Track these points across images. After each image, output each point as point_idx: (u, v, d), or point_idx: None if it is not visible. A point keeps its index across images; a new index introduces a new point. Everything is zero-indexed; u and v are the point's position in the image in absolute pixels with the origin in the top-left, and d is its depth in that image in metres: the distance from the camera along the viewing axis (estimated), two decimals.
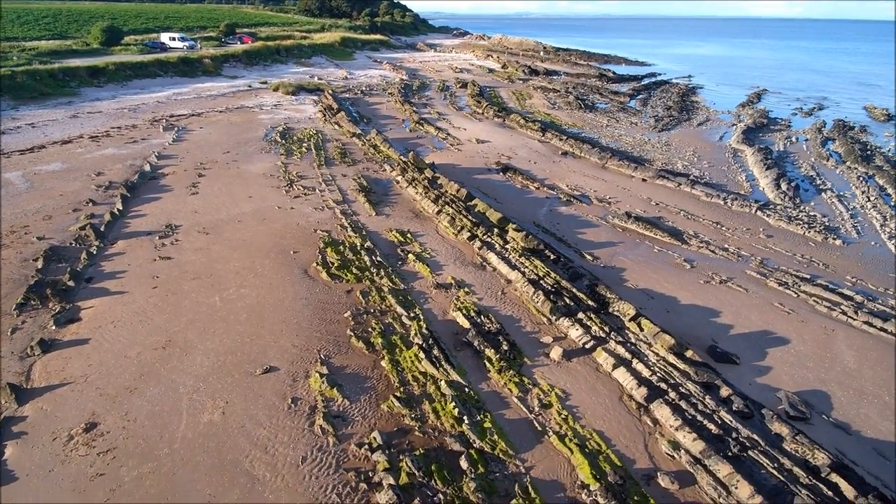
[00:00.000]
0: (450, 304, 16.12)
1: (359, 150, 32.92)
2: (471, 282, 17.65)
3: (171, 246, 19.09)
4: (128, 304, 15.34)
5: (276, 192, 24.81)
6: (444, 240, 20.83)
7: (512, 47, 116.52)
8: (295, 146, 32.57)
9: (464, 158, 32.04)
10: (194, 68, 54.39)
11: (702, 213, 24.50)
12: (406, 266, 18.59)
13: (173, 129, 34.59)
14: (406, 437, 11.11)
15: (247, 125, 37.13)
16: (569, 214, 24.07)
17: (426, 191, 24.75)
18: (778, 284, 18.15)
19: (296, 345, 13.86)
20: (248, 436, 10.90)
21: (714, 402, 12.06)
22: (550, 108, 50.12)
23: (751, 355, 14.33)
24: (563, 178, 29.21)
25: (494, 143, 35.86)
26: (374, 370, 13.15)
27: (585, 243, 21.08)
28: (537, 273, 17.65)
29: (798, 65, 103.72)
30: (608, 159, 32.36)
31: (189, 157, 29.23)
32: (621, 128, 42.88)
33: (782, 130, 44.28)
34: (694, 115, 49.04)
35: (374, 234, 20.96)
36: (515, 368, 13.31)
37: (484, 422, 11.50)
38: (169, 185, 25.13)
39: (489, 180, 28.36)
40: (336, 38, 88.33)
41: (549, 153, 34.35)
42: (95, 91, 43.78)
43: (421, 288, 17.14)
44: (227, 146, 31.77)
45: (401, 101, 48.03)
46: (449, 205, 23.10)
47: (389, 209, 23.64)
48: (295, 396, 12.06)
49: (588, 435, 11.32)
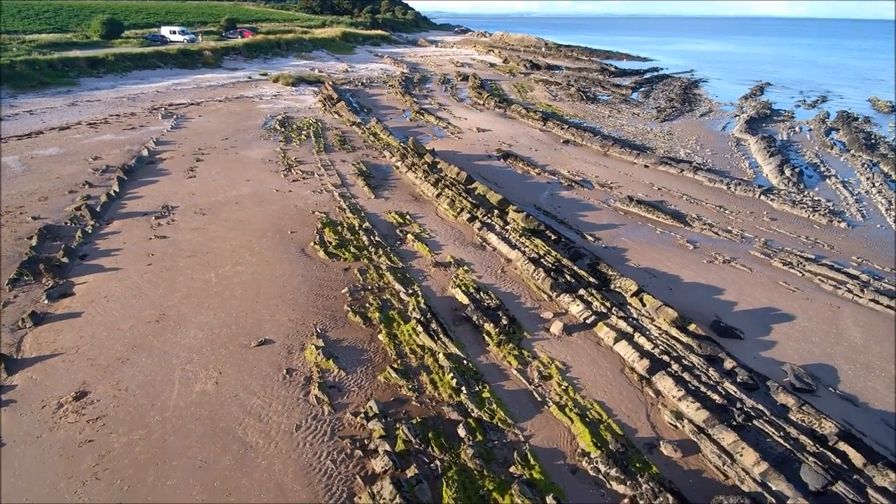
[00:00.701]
0: (448, 282, 15.86)
1: (358, 137, 32.67)
2: (470, 261, 17.39)
3: (167, 226, 18.86)
4: (122, 280, 15.12)
5: (275, 176, 24.58)
6: (444, 221, 20.58)
7: (513, 44, 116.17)
8: (294, 134, 32.33)
9: (464, 146, 31.78)
10: (194, 60, 54.19)
11: (705, 198, 24.20)
12: (405, 245, 18.34)
13: (172, 116, 34.39)
14: (403, 407, 10.86)
15: (246, 114, 36.90)
16: (570, 198, 23.80)
17: (426, 175, 24.50)
18: (783, 264, 17.86)
19: (292, 319, 13.62)
20: (241, 405, 10.66)
21: (718, 374, 11.80)
22: (552, 99, 49.82)
23: (755, 330, 14.05)
24: (564, 164, 28.93)
25: (495, 132, 35.58)
26: (371, 343, 12.90)
27: (587, 225, 20.81)
28: (538, 252, 17.38)
29: (800, 60, 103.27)
30: (610, 147, 32.07)
31: (187, 144, 29.01)
32: (623, 118, 42.56)
33: (785, 121, 43.92)
34: (696, 107, 48.71)
35: (373, 215, 20.72)
36: (515, 342, 13.05)
37: (482, 392, 11.25)
38: (166, 168, 24.91)
39: (490, 166, 28.10)
40: (337, 32, 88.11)
41: (550, 141, 34.06)
42: (95, 81, 43.61)
43: (420, 266, 16.89)
44: (225, 133, 31.55)
45: (401, 92, 47.76)
46: (449, 188, 22.85)
47: (389, 193, 23.39)
48: (290, 367, 11.82)
49: (589, 405, 11.06)
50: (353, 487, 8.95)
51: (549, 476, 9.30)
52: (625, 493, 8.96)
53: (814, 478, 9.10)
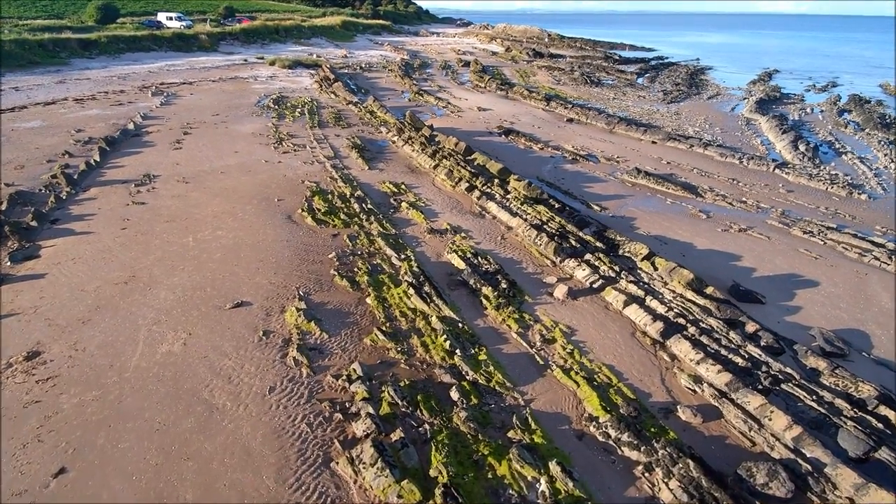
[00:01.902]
0: (444, 248, 14.76)
1: (354, 115, 31.55)
2: (468, 228, 16.28)
3: (147, 193, 17.79)
4: (92, 244, 14.05)
5: (265, 148, 23.48)
6: (441, 191, 19.46)
7: (516, 35, 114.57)
8: (288, 111, 31.22)
9: (464, 123, 30.63)
10: (190, 44, 53.09)
11: (717, 171, 23.02)
12: (399, 213, 17.23)
13: (162, 94, 33.30)
14: (390, 370, 9.78)
15: (239, 93, 35.80)
16: (574, 171, 22.64)
17: (423, 147, 23.38)
18: (803, 233, 16.70)
19: (273, 282, 12.54)
20: (210, 366, 9.58)
21: (740, 338, 10.68)
22: (555, 83, 48.58)
23: (777, 296, 12.92)
24: (568, 140, 27.75)
25: (497, 111, 34.42)
26: (358, 307, 11.82)
27: (593, 196, 19.66)
28: (541, 219, 16.26)
29: (807, 50, 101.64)
30: (616, 125, 30.88)
31: (176, 119, 27.92)
32: (629, 100, 41.33)
33: (795, 103, 42.62)
34: (703, 91, 47.43)
35: (366, 185, 19.61)
36: (515, 305, 11.95)
37: (479, 355, 10.16)
38: (152, 141, 23.83)
39: (490, 142, 26.95)
40: (337, 21, 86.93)
41: (553, 120, 32.88)
42: (86, 62, 42.54)
43: (414, 233, 15.78)
44: (216, 110, 30.45)
45: (401, 75, 46.59)
46: (447, 158, 21.73)
47: (383, 165, 22.27)
48: (267, 329, 10.74)
49: (596, 369, 9.96)
50: (331, 452, 7.87)
51: (553, 441, 8.21)
52: (638, 460, 7.86)
53: (854, 443, 7.99)
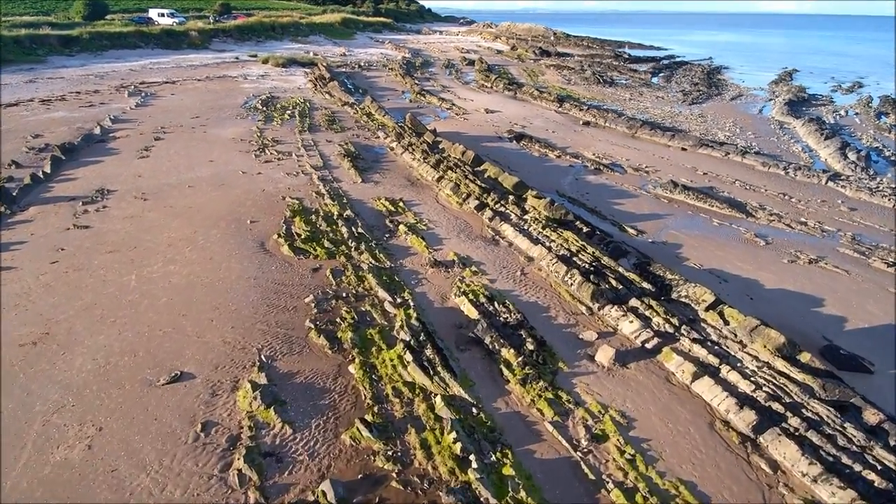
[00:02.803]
0: (451, 287, 11.82)
1: (350, 118, 28.63)
2: (479, 259, 13.33)
3: (95, 213, 14.87)
4: (8, 285, 11.14)
5: (244, 156, 20.57)
6: (446, 210, 16.51)
7: (521, 33, 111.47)
8: (276, 113, 28.32)
9: (470, 127, 27.68)
10: (179, 41, 50.23)
11: (762, 184, 20.03)
12: (395, 239, 14.30)
13: (140, 94, 30.42)
14: (376, 492, 6.84)
15: (226, 93, 32.90)
16: (599, 184, 19.68)
17: (425, 155, 20.44)
18: (886, 265, 13.71)
19: (227, 341, 9.61)
20: (117, 486, 6.66)
21: (862, 434, 7.71)
22: (566, 83, 45.59)
23: (886, 360, 9.94)
24: (587, 146, 24.79)
25: (505, 113, 31.47)
26: (338, 379, 8.88)
27: (625, 215, 16.69)
28: (568, 247, 13.30)
29: (821, 49, 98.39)
30: (638, 129, 27.89)
31: (150, 122, 25.03)
32: (647, 101, 38.31)
33: (825, 105, 39.55)
34: (724, 91, 44.38)
35: (358, 202, 16.68)
36: (546, 378, 8.99)
37: (502, 465, 7.21)
38: (117, 148, 20.94)
39: (500, 148, 24.00)
40: (336, 18, 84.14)
41: (568, 123, 29.91)
42: (64, 60, 39.70)
43: (413, 266, 12.85)
44: (197, 112, 27.56)
45: (402, 74, 43.62)
46: (452, 170, 18.78)
47: (379, 176, 19.33)
48: (209, 420, 7.82)
49: (672, 489, 7.00)
50: None
51: None
52: None
53: None
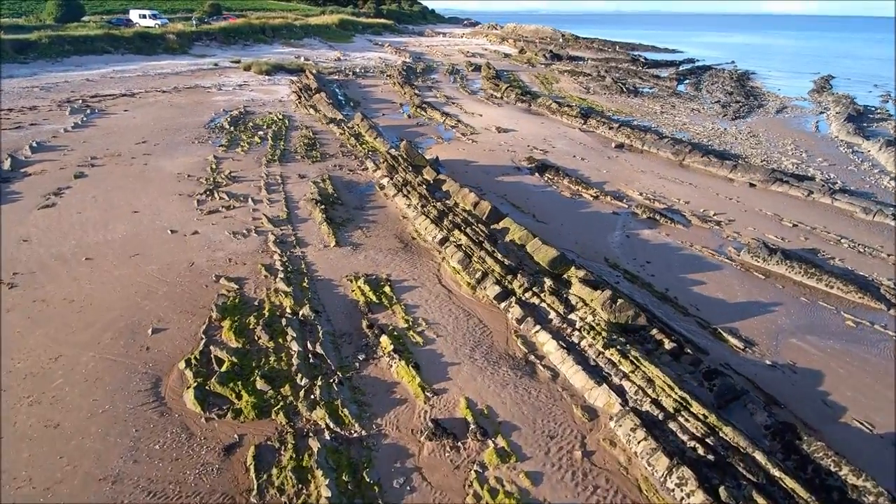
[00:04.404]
0: (464, 488, 6.72)
1: (334, 140, 23.57)
2: (508, 414, 8.18)
3: None
4: None
5: (184, 203, 15.51)
6: (452, 298, 11.39)
7: (527, 35, 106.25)
8: (245, 135, 23.29)
9: (480, 153, 22.59)
10: (154, 45, 45.25)
11: (876, 243, 14.86)
12: (373, 366, 9.18)
13: (84, 111, 25.41)
14: None
15: (192, 108, 27.90)
16: (659, 243, 14.53)
17: (423, 202, 15.34)
18: None
19: None
20: None
21: None
22: (584, 92, 40.47)
23: None
24: (628, 180, 19.66)
25: (521, 132, 26.38)
26: None
27: (712, 304, 11.52)
28: (656, 396, 8.17)
29: (844, 53, 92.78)
30: (686, 154, 22.74)
31: (82, 150, 20.02)
32: (682, 115, 33.14)
33: (885, 120, 34.28)
34: (764, 102, 39.14)
35: (325, 284, 11.58)
36: None
37: None
38: (19, 191, 15.91)
39: (520, 185, 18.91)
40: (334, 19, 79.22)
41: (598, 146, 24.77)
42: (14, 68, 34.72)
43: (398, 436, 7.71)
44: (147, 133, 22.54)
45: (401, 83, 38.53)
46: (461, 229, 13.66)
47: (362, 233, 14.23)
48: None
49: None
50: None
51: None
52: None
53: None
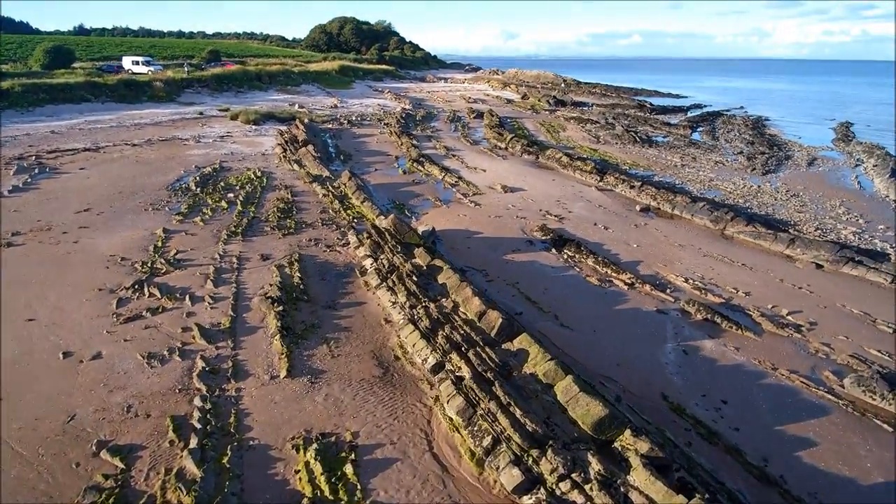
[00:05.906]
0: None
1: (315, 203, 20.30)
2: None
3: None
4: None
5: (99, 303, 11.93)
6: (448, 480, 7.58)
7: (529, 80, 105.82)
8: (212, 198, 20.05)
9: (485, 220, 19.20)
10: (139, 93, 43.05)
11: None
12: None
13: (32, 170, 22.31)
14: None
15: (161, 164, 24.85)
16: (731, 364, 10.77)
17: (413, 301, 11.73)
18: None
19: None
20: None
21: None
22: (594, 141, 37.67)
23: None
24: (666, 259, 16.12)
25: (531, 192, 23.13)
26: None
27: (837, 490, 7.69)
28: None
29: (852, 98, 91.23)
30: (728, 222, 19.31)
31: (8, 221, 16.70)
32: (705, 168, 30.03)
33: None
34: (790, 153, 36.17)
35: (260, 457, 7.79)
36: None
37: None
38: None
39: (534, 265, 15.38)
40: (334, 66, 78.18)
41: (620, 209, 21.42)
42: None
43: None
44: (95, 198, 19.29)
45: (398, 132, 35.79)
46: (461, 352, 9.97)
47: (327, 350, 10.56)
48: None
49: None
50: None
51: None
52: None
53: None
